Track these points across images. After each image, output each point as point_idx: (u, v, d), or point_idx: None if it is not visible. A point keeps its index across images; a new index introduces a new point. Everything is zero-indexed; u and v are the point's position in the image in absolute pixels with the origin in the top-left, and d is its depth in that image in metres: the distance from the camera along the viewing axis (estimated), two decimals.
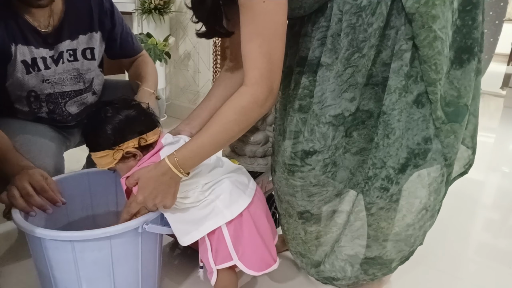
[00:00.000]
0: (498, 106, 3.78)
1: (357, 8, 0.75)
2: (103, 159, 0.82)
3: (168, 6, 2.40)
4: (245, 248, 0.84)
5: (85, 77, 1.22)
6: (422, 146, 0.81)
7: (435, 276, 1.15)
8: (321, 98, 0.82)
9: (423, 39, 0.73)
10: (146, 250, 0.86)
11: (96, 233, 0.75)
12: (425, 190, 0.83)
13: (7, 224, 1.30)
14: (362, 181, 0.86)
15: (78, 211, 1.05)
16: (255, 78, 0.73)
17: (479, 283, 1.15)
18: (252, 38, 0.72)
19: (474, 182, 1.82)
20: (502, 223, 1.55)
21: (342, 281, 0.98)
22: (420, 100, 0.79)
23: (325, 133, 0.83)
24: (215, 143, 0.77)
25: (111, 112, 0.81)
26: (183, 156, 0.76)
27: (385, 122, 0.80)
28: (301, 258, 1.03)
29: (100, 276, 0.81)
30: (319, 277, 1.02)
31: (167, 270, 1.10)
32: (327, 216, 0.93)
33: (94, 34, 1.20)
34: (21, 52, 1.06)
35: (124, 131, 0.81)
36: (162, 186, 0.78)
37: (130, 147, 0.81)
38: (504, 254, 1.31)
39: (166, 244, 1.22)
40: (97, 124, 0.82)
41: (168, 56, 2.37)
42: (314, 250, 0.98)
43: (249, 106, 0.74)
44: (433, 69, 0.75)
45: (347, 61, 0.78)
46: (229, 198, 0.83)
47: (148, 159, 0.82)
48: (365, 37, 0.75)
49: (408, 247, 0.91)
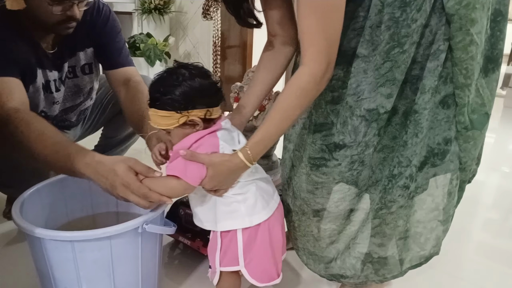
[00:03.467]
0: (498, 106, 3.78)
1: (402, 2, 0.73)
2: (165, 118, 0.77)
3: (168, 6, 2.41)
4: (254, 257, 0.84)
5: (84, 91, 1.24)
6: (442, 147, 0.81)
7: (435, 276, 1.15)
8: (356, 90, 0.81)
9: (459, 42, 0.73)
10: (146, 250, 0.86)
11: (96, 233, 0.75)
12: (439, 191, 0.84)
13: (7, 224, 1.30)
14: (385, 179, 0.85)
15: (78, 211, 1.05)
16: (313, 55, 0.73)
17: (479, 283, 1.15)
18: (309, 14, 0.71)
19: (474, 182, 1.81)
20: (502, 223, 1.55)
21: (350, 279, 0.96)
22: (446, 101, 0.79)
23: (357, 127, 0.81)
24: (281, 131, 0.80)
25: (188, 76, 0.78)
26: (254, 148, 0.78)
27: (416, 121, 0.80)
28: (308, 255, 1.01)
29: (100, 276, 0.81)
30: (326, 273, 1.00)
31: (167, 270, 1.10)
32: (344, 215, 0.91)
33: (89, 50, 1.20)
34: (40, 76, 1.08)
35: (196, 99, 0.78)
36: (231, 176, 0.80)
37: (196, 115, 0.78)
38: (504, 254, 1.31)
39: (166, 244, 1.22)
40: (171, 83, 0.77)
41: (168, 56, 2.37)
42: (325, 247, 0.96)
43: (309, 86, 0.75)
44: (463, 73, 0.75)
45: (386, 55, 0.76)
46: (253, 206, 0.83)
47: (206, 134, 0.80)
48: (408, 32, 0.74)
49: (417, 248, 0.90)
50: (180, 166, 0.77)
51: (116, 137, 1.51)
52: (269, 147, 0.80)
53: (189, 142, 0.78)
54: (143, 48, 2.23)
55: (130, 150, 1.64)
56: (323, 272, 1.00)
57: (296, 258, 1.19)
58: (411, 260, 0.93)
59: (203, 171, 0.77)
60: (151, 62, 2.25)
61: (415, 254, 0.91)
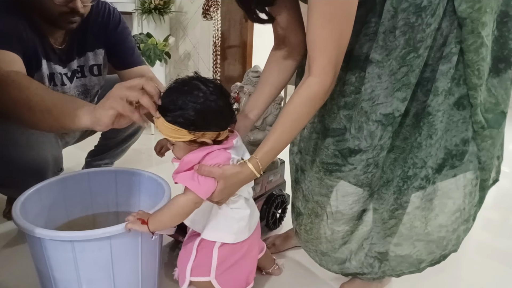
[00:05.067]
0: None
1: (417, 8, 0.74)
2: (172, 131, 0.73)
3: (168, 6, 2.41)
4: (226, 272, 0.85)
5: (91, 92, 1.26)
6: (460, 148, 0.82)
7: (435, 276, 1.15)
8: (371, 95, 0.81)
9: (470, 44, 0.74)
10: (146, 250, 0.86)
11: (96, 233, 0.75)
12: (459, 192, 0.84)
13: (7, 224, 1.30)
14: (399, 180, 0.86)
15: (78, 211, 1.05)
16: (323, 65, 0.74)
17: (479, 283, 1.15)
18: (323, 24, 0.71)
19: None
20: (502, 223, 1.55)
21: (368, 275, 0.98)
22: (462, 102, 0.80)
23: (373, 131, 0.82)
24: (290, 139, 0.81)
25: (207, 94, 0.72)
26: (264, 159, 0.78)
27: (429, 123, 0.80)
28: (321, 256, 1.01)
29: (100, 276, 0.81)
30: (343, 273, 1.02)
31: (167, 270, 1.10)
32: (357, 216, 0.92)
33: (98, 51, 1.23)
34: (45, 66, 1.11)
35: (210, 122, 0.73)
36: (239, 186, 0.80)
37: (207, 137, 0.75)
38: (504, 254, 1.31)
39: (166, 244, 1.22)
40: (187, 98, 0.71)
41: (168, 56, 2.37)
42: (337, 248, 0.97)
43: (317, 96, 0.76)
44: (475, 74, 0.76)
45: (402, 60, 0.77)
46: (244, 227, 0.84)
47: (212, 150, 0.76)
48: (423, 37, 0.75)
49: (439, 250, 0.90)
50: (191, 179, 0.74)
51: (115, 138, 1.50)
52: (276, 156, 0.81)
53: (200, 154, 0.75)
54: (143, 48, 2.24)
55: (130, 151, 1.64)
56: (338, 271, 1.01)
57: (297, 258, 1.20)
58: (432, 260, 0.93)
59: (214, 184, 0.75)
60: (151, 62, 2.26)
61: (436, 255, 0.92)
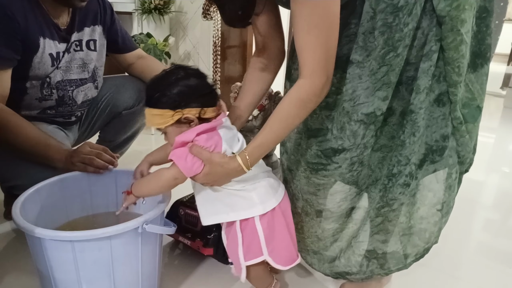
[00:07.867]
0: (498, 106, 3.78)
1: (394, 8, 0.75)
2: (158, 117, 0.80)
3: (168, 6, 2.41)
4: (276, 244, 0.86)
5: (88, 66, 1.31)
6: (440, 143, 0.84)
7: (435, 276, 1.15)
8: (352, 95, 0.82)
9: (450, 42, 0.75)
10: (146, 250, 0.86)
11: (96, 233, 0.76)
12: (440, 185, 0.86)
13: (7, 224, 1.30)
14: (385, 178, 0.87)
15: (78, 211, 1.05)
16: (313, 68, 0.74)
17: (479, 283, 1.15)
18: (309, 30, 0.72)
19: (474, 182, 1.82)
20: (502, 223, 1.55)
21: (356, 275, 0.98)
22: (441, 99, 0.81)
23: (355, 131, 0.83)
24: (279, 138, 0.82)
25: (183, 76, 0.81)
26: (252, 154, 0.79)
27: (412, 121, 0.82)
28: (313, 255, 1.02)
29: (100, 276, 0.81)
30: (331, 272, 1.01)
31: (167, 270, 1.10)
32: (346, 214, 0.93)
33: (96, 27, 1.31)
34: (48, 45, 1.16)
35: (190, 97, 0.80)
36: (226, 177, 0.81)
37: (191, 113, 0.80)
38: (504, 254, 1.31)
39: (166, 244, 1.22)
40: (167, 82, 0.80)
41: (168, 56, 2.37)
42: (329, 246, 0.98)
43: (308, 98, 0.76)
44: (456, 71, 0.78)
45: (382, 60, 0.78)
46: (265, 193, 0.85)
47: (204, 129, 0.81)
48: (401, 36, 0.76)
49: (422, 243, 0.92)
50: (181, 154, 0.79)
51: (114, 141, 1.50)
52: (264, 154, 0.82)
53: (192, 134, 0.79)
54: (143, 48, 2.23)
55: (130, 151, 1.64)
56: (328, 271, 1.01)
57: None
58: (416, 254, 0.94)
59: (201, 166, 0.79)
60: None
61: (420, 249, 0.93)
